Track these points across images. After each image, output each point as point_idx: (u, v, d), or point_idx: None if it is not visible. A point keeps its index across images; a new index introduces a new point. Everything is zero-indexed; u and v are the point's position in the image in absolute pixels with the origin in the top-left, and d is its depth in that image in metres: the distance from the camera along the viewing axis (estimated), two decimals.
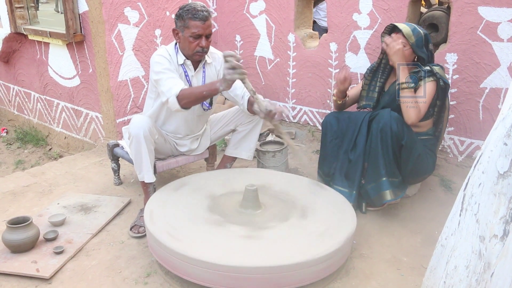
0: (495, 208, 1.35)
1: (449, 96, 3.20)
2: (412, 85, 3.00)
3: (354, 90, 3.40)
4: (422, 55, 3.08)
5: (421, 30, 3.08)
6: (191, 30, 2.85)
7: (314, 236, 2.47)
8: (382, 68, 3.28)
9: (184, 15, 2.85)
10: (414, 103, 2.96)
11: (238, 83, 2.98)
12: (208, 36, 2.91)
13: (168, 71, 2.88)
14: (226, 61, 2.63)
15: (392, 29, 3.16)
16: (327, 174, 3.26)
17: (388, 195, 2.96)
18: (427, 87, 3.02)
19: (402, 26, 3.07)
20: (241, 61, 2.71)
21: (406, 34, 3.04)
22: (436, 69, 3.05)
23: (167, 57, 2.94)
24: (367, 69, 3.33)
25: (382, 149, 2.94)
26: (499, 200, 1.34)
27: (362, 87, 3.35)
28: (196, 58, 2.98)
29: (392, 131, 2.90)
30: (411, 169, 3.05)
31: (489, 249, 1.33)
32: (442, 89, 3.05)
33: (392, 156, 2.96)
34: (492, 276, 1.30)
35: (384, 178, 2.96)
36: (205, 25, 2.85)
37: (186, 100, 2.78)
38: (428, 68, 3.05)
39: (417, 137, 3.07)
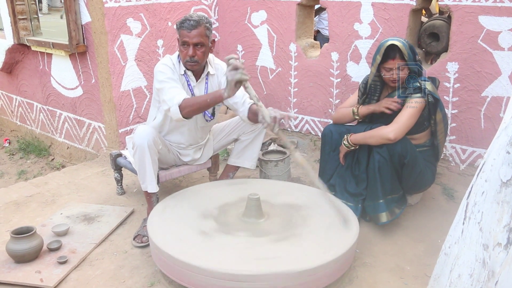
0: (499, 216, 1.35)
1: (444, 109, 3.16)
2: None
3: (352, 100, 3.38)
4: (414, 68, 3.02)
5: (407, 42, 3.03)
6: (181, 39, 2.91)
7: (317, 244, 2.47)
8: (373, 87, 3.20)
9: (177, 24, 2.92)
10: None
11: (238, 91, 2.97)
12: (197, 45, 2.89)
13: (171, 81, 2.89)
14: (228, 64, 2.62)
15: (387, 51, 2.99)
16: (326, 185, 3.26)
17: (384, 217, 2.96)
18: (408, 111, 2.95)
19: (399, 44, 2.94)
20: (243, 62, 2.69)
21: (404, 52, 2.93)
22: (427, 84, 3.00)
23: (170, 66, 2.96)
24: (362, 82, 3.26)
25: (379, 174, 2.95)
26: (503, 208, 1.34)
27: (357, 101, 3.30)
28: (188, 67, 2.99)
29: (395, 151, 2.90)
30: (412, 184, 3.08)
31: (492, 258, 1.33)
32: (432, 104, 3.01)
33: (394, 175, 2.97)
34: (496, 284, 1.30)
35: (381, 200, 2.96)
36: (191, 34, 2.86)
37: (189, 109, 2.78)
38: (417, 84, 3.00)
39: (418, 152, 3.07)
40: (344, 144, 3.15)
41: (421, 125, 3.09)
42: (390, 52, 2.97)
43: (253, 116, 2.95)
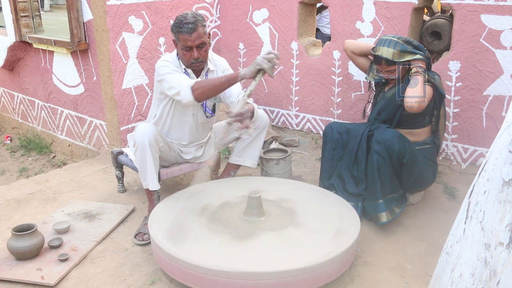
0: (501, 215, 1.34)
1: (445, 105, 3.23)
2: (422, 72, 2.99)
3: (366, 60, 3.41)
4: (415, 53, 3.03)
5: (397, 39, 3.06)
6: (181, 43, 2.87)
7: (318, 242, 2.48)
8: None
9: (174, 28, 2.88)
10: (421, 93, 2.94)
11: (234, 90, 2.99)
12: (200, 46, 2.90)
13: (176, 72, 2.90)
14: (268, 53, 2.58)
15: (375, 60, 3.16)
16: (327, 184, 3.27)
17: (384, 217, 2.96)
18: (426, 88, 2.98)
19: (381, 51, 3.06)
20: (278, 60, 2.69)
21: (388, 56, 3.03)
22: (435, 78, 3.07)
23: (172, 63, 2.96)
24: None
25: (378, 173, 2.95)
26: (505, 207, 1.33)
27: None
28: (193, 68, 3.00)
29: (394, 151, 2.89)
30: (412, 183, 3.08)
31: (494, 257, 1.33)
32: (438, 97, 3.08)
33: (393, 175, 2.97)
34: (498, 284, 1.29)
35: (380, 200, 2.96)
36: (192, 37, 2.84)
37: (202, 90, 2.72)
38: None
39: (418, 151, 3.07)
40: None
41: (423, 120, 3.10)
42: (378, 58, 3.11)
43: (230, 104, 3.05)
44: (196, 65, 2.96)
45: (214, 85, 2.74)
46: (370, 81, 3.47)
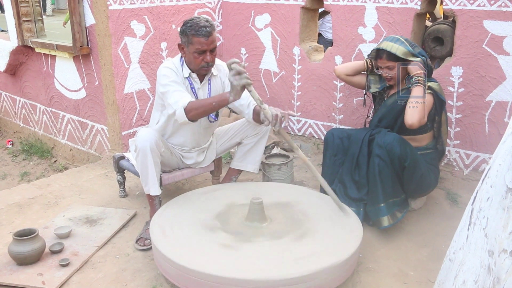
0: (504, 222, 1.34)
1: (446, 111, 3.25)
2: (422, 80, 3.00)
3: (361, 77, 3.43)
4: (416, 56, 3.05)
5: (404, 40, 3.10)
6: (195, 46, 2.86)
7: (320, 248, 2.46)
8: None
9: (188, 31, 2.85)
10: (419, 103, 2.95)
11: (243, 93, 2.99)
12: (212, 51, 2.91)
13: (175, 84, 2.89)
14: (230, 69, 2.64)
15: (376, 54, 3.18)
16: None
17: (386, 221, 2.95)
18: (427, 97, 3.00)
19: (384, 45, 3.08)
20: (246, 65, 2.69)
21: (390, 49, 3.04)
22: (434, 85, 3.06)
23: (173, 70, 2.96)
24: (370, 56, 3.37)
25: (380, 177, 2.94)
26: (508, 214, 1.33)
27: (369, 71, 3.36)
28: (202, 72, 3.01)
29: (395, 154, 2.89)
30: (414, 187, 3.07)
31: (498, 264, 1.32)
32: (439, 103, 3.08)
33: (395, 179, 2.96)
34: None
35: (382, 204, 2.95)
36: (208, 41, 2.84)
37: (194, 112, 2.78)
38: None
39: (419, 156, 3.06)
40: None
41: (424, 126, 3.10)
42: (380, 52, 3.13)
43: (258, 116, 3.01)
44: (206, 69, 2.96)
45: (205, 109, 2.80)
46: (365, 96, 3.48)
